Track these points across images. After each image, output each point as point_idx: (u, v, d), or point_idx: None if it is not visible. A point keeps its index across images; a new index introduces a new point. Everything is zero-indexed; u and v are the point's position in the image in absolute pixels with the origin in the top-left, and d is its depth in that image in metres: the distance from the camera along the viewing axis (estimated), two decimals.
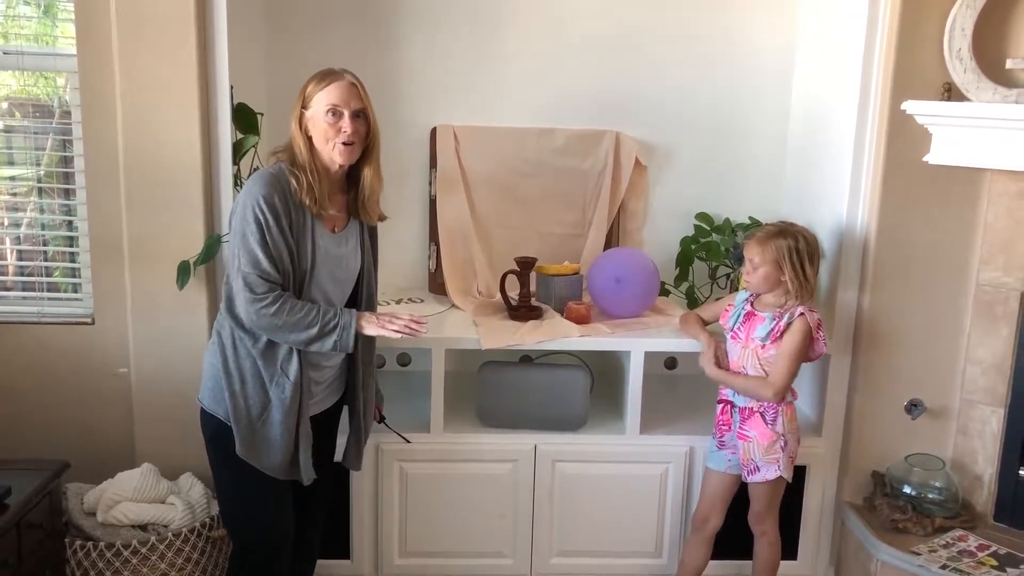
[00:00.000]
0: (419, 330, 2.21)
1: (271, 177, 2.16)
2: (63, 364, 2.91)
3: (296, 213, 2.17)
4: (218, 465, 2.31)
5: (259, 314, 2.11)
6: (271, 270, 2.12)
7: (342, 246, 2.30)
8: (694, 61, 3.34)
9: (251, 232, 2.11)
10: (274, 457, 2.22)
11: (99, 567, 2.56)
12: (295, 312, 2.12)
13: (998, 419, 2.87)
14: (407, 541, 2.94)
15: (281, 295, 2.13)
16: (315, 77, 2.22)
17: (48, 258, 3.09)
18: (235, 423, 2.19)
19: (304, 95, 2.21)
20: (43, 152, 3.02)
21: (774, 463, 2.61)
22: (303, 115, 2.21)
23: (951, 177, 2.78)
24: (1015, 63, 2.64)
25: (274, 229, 2.12)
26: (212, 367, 2.24)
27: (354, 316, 2.19)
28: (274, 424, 2.20)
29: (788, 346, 2.56)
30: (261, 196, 2.12)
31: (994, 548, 2.75)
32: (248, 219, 2.12)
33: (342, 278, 2.32)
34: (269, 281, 2.12)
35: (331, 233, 2.27)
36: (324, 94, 2.17)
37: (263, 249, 2.11)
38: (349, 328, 2.17)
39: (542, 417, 2.93)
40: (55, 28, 2.93)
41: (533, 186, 3.28)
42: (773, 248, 2.56)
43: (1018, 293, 2.79)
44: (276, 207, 2.12)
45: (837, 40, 2.99)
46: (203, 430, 2.30)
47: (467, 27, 3.29)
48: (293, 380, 2.19)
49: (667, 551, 3.00)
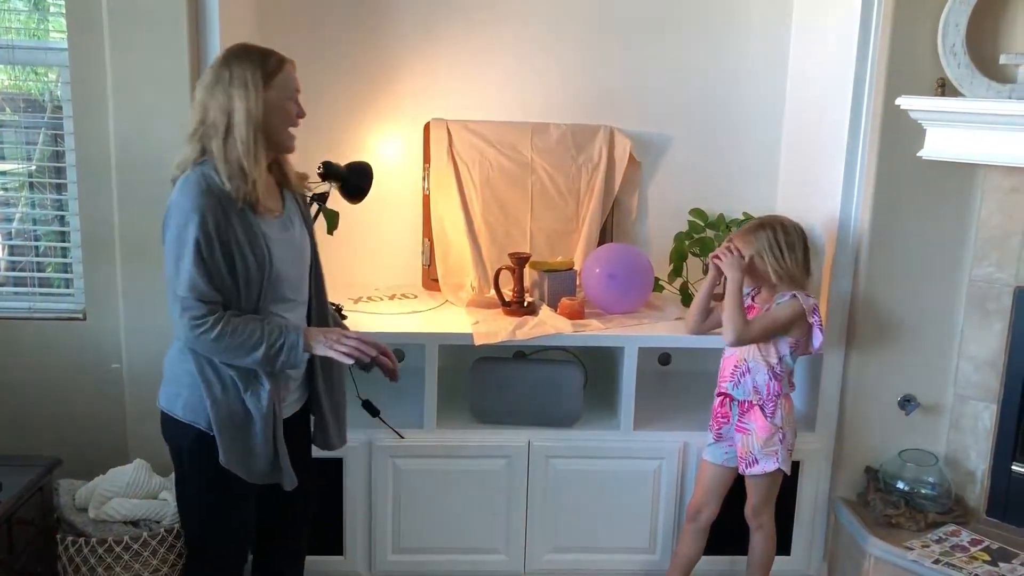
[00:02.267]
0: (369, 352, 2.10)
1: (201, 186, 1.98)
2: (55, 360, 2.90)
3: (234, 216, 2.01)
4: (192, 476, 2.16)
5: (199, 340, 1.99)
6: (210, 291, 1.99)
7: (290, 229, 2.17)
8: (689, 57, 3.34)
9: (187, 254, 1.96)
10: (258, 464, 2.11)
11: (91, 563, 2.55)
12: (238, 334, 2.00)
13: (991, 415, 2.87)
14: (401, 537, 2.93)
15: (221, 316, 2.00)
16: (267, 57, 2.05)
17: (40, 253, 3.08)
18: (219, 432, 2.06)
19: (263, 74, 2.02)
20: (34, 147, 3.01)
21: (773, 456, 2.62)
22: (261, 99, 2.02)
23: (945, 172, 2.78)
24: (1008, 58, 2.63)
25: (213, 245, 1.98)
26: (186, 374, 2.08)
27: (301, 335, 2.06)
28: (256, 431, 2.09)
29: (772, 312, 2.58)
30: (194, 213, 1.96)
31: (987, 543, 2.75)
32: (183, 239, 1.96)
33: (300, 261, 2.20)
34: (209, 303, 1.99)
35: (274, 220, 2.12)
36: (287, 76, 2.07)
37: (200, 272, 1.97)
38: (296, 348, 2.04)
39: (536, 413, 2.93)
40: (46, 22, 2.92)
41: (527, 182, 3.28)
42: (753, 240, 2.60)
43: (1011, 289, 2.79)
44: (210, 223, 1.97)
45: (832, 36, 2.98)
46: (175, 441, 2.15)
47: (461, 22, 3.28)
48: (268, 387, 2.08)
49: (660, 547, 3.00)
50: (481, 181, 3.24)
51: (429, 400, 2.87)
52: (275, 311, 2.12)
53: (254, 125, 2.00)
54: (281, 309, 2.13)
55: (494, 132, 3.26)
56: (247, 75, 2.01)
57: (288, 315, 2.15)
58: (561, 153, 3.28)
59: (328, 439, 2.34)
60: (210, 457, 2.08)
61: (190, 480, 2.17)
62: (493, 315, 3.00)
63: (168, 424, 2.16)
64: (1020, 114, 2.49)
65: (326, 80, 3.26)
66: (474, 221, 3.25)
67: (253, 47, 2.09)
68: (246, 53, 2.06)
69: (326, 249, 2.72)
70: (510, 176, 3.26)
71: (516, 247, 3.22)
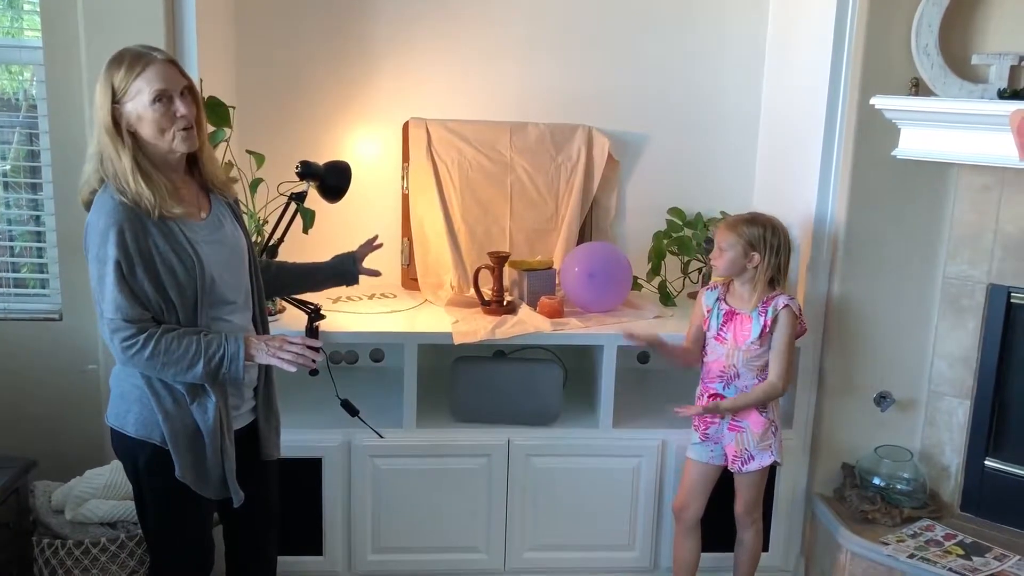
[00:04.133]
0: (315, 357, 2.02)
1: (111, 206, 1.90)
2: (30, 361, 2.87)
3: (152, 227, 1.92)
4: (150, 492, 2.09)
5: (134, 359, 1.93)
6: (136, 310, 1.92)
7: (218, 230, 2.08)
8: (666, 56, 3.36)
9: (107, 275, 1.89)
10: (211, 477, 2.06)
11: (67, 565, 2.53)
12: (172, 351, 1.93)
13: (965, 411, 2.91)
14: (380, 537, 2.92)
15: (153, 334, 1.92)
16: (119, 65, 1.91)
17: (15, 253, 3.05)
18: (173, 446, 2.00)
19: (112, 88, 1.90)
20: (9, 146, 2.98)
21: (768, 450, 2.63)
22: (116, 111, 1.91)
23: (919, 171, 2.81)
24: (980, 59, 2.67)
25: (134, 262, 1.90)
26: (134, 388, 2.02)
27: (241, 344, 1.98)
28: (207, 443, 2.03)
29: (781, 341, 2.59)
30: (108, 231, 1.88)
31: (960, 537, 2.78)
32: (102, 259, 1.89)
33: (235, 261, 2.11)
34: (137, 322, 1.92)
35: (200, 223, 2.04)
36: (143, 81, 1.89)
37: (123, 292, 1.90)
38: (237, 359, 1.97)
39: (515, 412, 2.94)
40: (20, 20, 2.89)
41: (506, 181, 3.28)
42: (743, 233, 2.58)
43: (984, 286, 2.83)
44: (127, 240, 1.89)
45: (807, 36, 3.01)
46: (129, 459, 2.08)
47: (439, 21, 3.28)
48: (215, 399, 2.01)
49: (639, 544, 3.01)
50: (460, 180, 3.24)
51: (409, 399, 2.86)
52: (218, 315, 2.05)
53: (111, 139, 1.91)
54: (224, 313, 2.07)
55: (473, 131, 3.26)
56: (97, 88, 1.94)
57: (232, 318, 2.09)
58: (540, 152, 3.29)
59: (263, 447, 2.24)
60: (166, 472, 2.02)
61: (148, 496, 2.11)
62: (473, 314, 3.01)
63: (120, 442, 2.08)
64: (992, 113, 2.53)
65: (304, 78, 3.25)
66: (453, 220, 3.25)
67: (117, 54, 1.95)
68: (108, 64, 1.94)
69: (305, 248, 2.73)
70: (489, 175, 3.26)
71: (495, 246, 3.23)
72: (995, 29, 2.69)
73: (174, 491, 2.04)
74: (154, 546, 2.20)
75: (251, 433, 2.20)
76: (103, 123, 1.92)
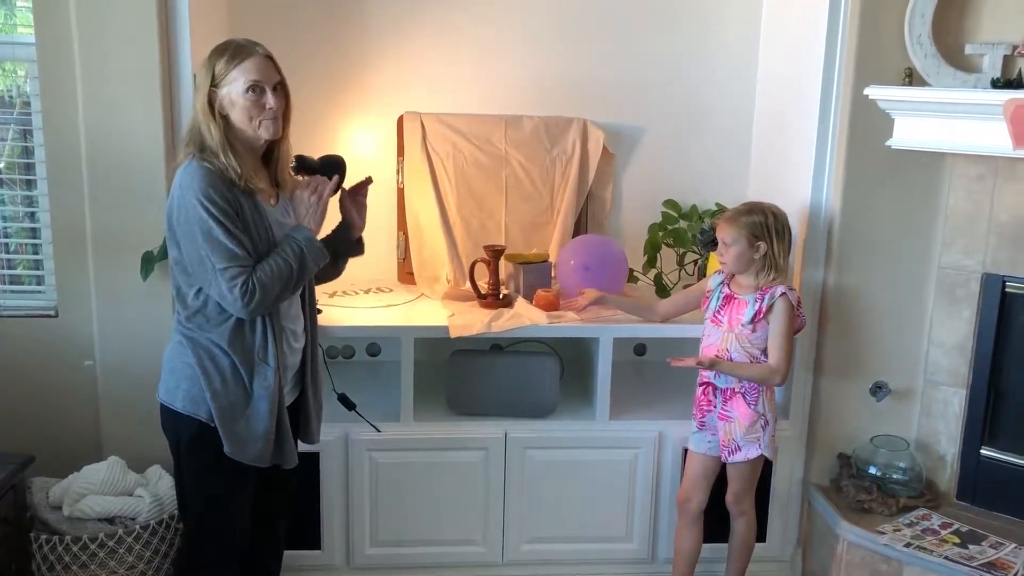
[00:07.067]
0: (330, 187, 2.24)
1: (201, 172, 2.06)
2: (27, 357, 2.87)
3: (236, 200, 2.09)
4: (192, 467, 2.22)
5: (253, 305, 2.06)
6: (244, 254, 2.06)
7: (287, 217, 2.25)
8: (660, 48, 3.36)
9: (214, 228, 2.03)
10: (261, 448, 2.17)
11: (65, 561, 2.54)
12: (271, 275, 2.08)
13: (960, 400, 2.91)
14: (378, 530, 2.93)
15: (251, 274, 2.06)
16: (222, 54, 2.10)
17: (10, 250, 3.05)
18: (221, 423, 2.12)
19: (213, 74, 2.09)
20: (4, 143, 2.97)
21: (755, 442, 2.63)
22: (212, 94, 2.09)
23: (913, 161, 2.82)
24: (974, 48, 2.67)
25: (232, 218, 2.05)
26: (186, 367, 2.14)
27: (303, 229, 2.18)
28: (260, 415, 2.15)
29: (778, 328, 2.58)
30: (202, 193, 2.03)
31: (956, 526, 2.79)
32: (203, 217, 2.03)
33: None
34: (245, 267, 2.06)
35: (272, 207, 2.21)
36: (240, 71, 2.08)
37: (230, 238, 2.04)
38: (311, 240, 2.17)
39: (512, 404, 2.94)
40: (13, 17, 2.89)
41: (501, 174, 3.28)
42: (744, 225, 2.58)
43: (979, 276, 2.83)
44: (223, 197, 2.04)
45: (801, 26, 3.01)
46: (175, 434, 2.20)
47: (434, 14, 3.28)
48: (273, 366, 2.15)
49: (637, 535, 3.02)
50: (455, 174, 3.24)
51: (405, 393, 2.87)
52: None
53: (204, 117, 2.09)
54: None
55: (468, 125, 3.26)
56: (200, 73, 2.12)
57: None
58: (535, 145, 3.29)
59: (310, 433, 2.43)
60: (210, 448, 2.14)
61: (189, 471, 2.22)
62: (468, 308, 3.01)
63: (168, 416, 2.20)
64: (986, 103, 2.53)
65: (299, 72, 3.19)
66: (449, 214, 3.25)
67: (223, 43, 2.13)
68: (212, 52, 2.12)
69: None
70: (484, 169, 3.27)
71: (491, 239, 3.23)
72: (988, 19, 2.69)
73: (215, 466, 2.17)
74: (190, 521, 2.30)
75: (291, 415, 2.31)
76: (200, 103, 2.10)
